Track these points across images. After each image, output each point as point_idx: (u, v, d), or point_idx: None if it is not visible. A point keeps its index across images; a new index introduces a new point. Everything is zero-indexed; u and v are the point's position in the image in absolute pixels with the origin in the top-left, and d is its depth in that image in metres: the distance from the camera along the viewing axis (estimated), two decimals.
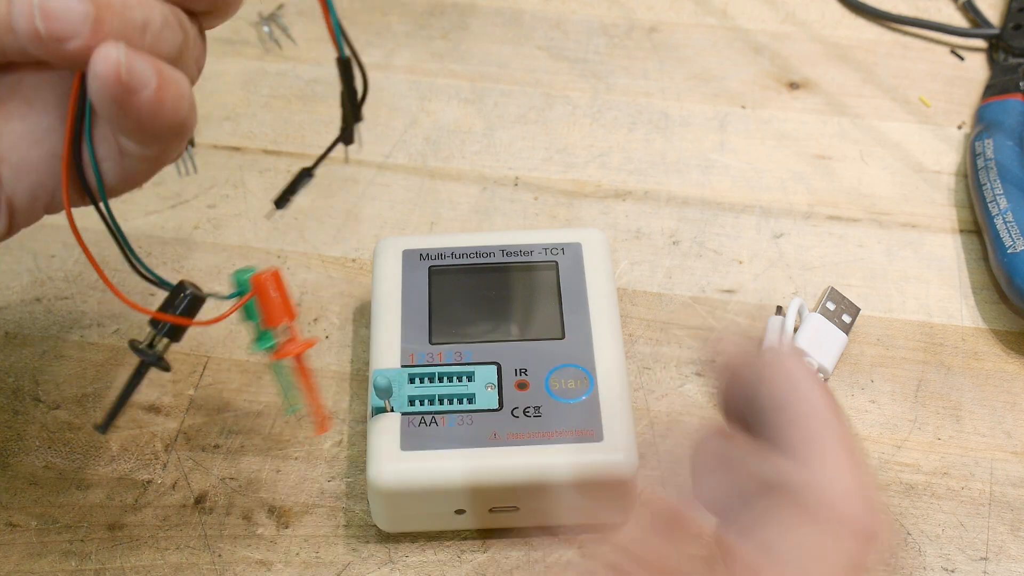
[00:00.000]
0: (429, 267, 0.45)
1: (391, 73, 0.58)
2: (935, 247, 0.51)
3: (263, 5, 0.61)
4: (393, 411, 0.41)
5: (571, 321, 0.43)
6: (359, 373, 0.46)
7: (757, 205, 0.53)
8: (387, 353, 0.42)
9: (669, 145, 0.55)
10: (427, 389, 0.41)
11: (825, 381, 0.46)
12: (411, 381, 0.41)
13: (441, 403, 0.41)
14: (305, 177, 0.40)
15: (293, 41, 0.60)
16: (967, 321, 0.48)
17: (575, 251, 0.45)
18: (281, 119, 0.56)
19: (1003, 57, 0.58)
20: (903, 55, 0.59)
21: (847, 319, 0.47)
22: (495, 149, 0.55)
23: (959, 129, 0.56)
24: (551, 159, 0.55)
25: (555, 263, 0.45)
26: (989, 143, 0.52)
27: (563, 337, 0.43)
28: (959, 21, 0.61)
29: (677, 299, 0.49)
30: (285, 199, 0.40)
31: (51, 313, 0.49)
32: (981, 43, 0.60)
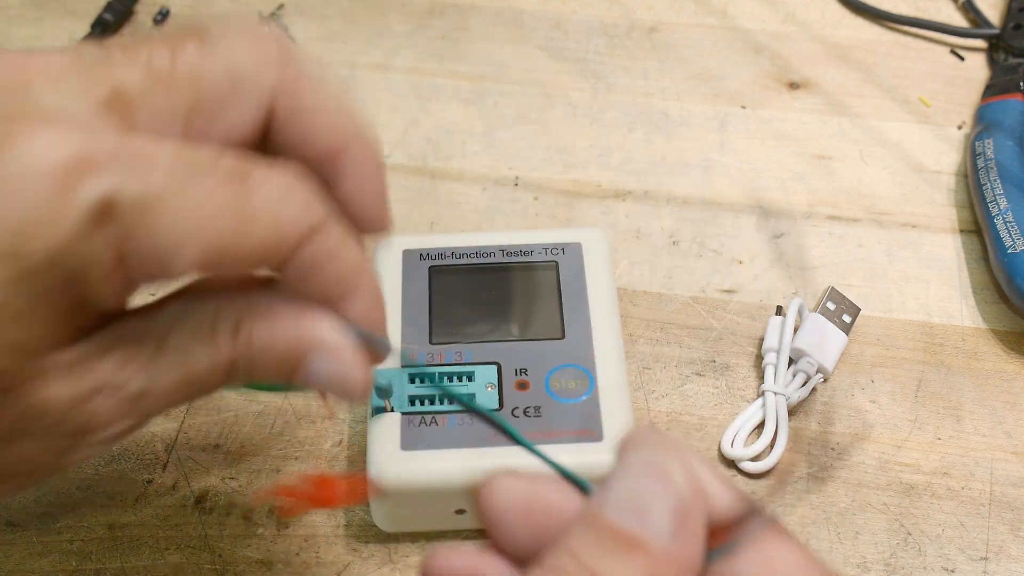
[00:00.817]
0: (429, 267, 0.45)
1: (391, 73, 0.58)
2: (935, 247, 0.51)
3: (263, 5, 0.61)
4: (393, 411, 0.41)
5: (571, 321, 0.43)
6: None
7: (757, 205, 0.53)
8: None
9: (669, 145, 0.55)
10: (427, 389, 0.41)
11: (824, 381, 0.46)
12: (411, 381, 0.41)
13: (441, 403, 0.41)
14: None
15: (293, 41, 0.60)
16: (967, 321, 0.48)
17: (575, 251, 0.45)
18: None
19: (1003, 57, 0.58)
20: (903, 55, 0.59)
21: (847, 319, 0.47)
22: (495, 149, 0.55)
23: (959, 129, 0.56)
24: (551, 159, 0.55)
25: (555, 263, 0.45)
26: (989, 143, 0.52)
27: (563, 337, 0.43)
28: (959, 21, 0.61)
29: (677, 299, 0.49)
30: None
31: None
32: (981, 43, 0.60)
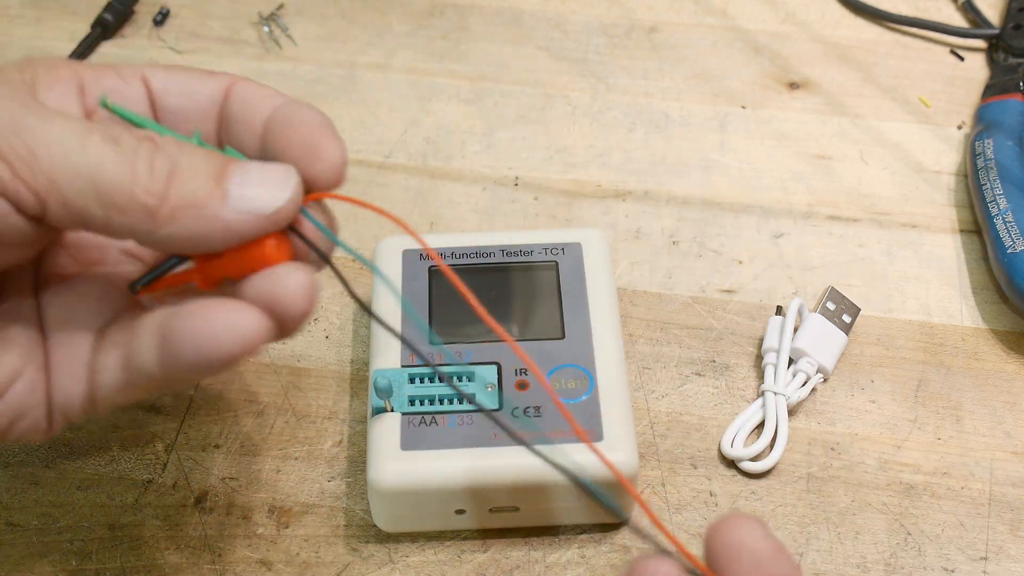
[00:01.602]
0: (429, 267, 0.45)
1: (391, 73, 0.58)
2: (935, 247, 0.51)
3: (263, 5, 0.61)
4: (393, 411, 0.41)
5: (571, 321, 0.43)
6: (359, 373, 0.46)
7: (757, 205, 0.53)
8: (387, 353, 0.42)
9: (669, 145, 0.55)
10: (427, 389, 0.41)
11: (824, 381, 0.46)
12: (411, 381, 0.41)
13: (441, 403, 0.41)
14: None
15: (293, 41, 0.60)
16: (967, 321, 0.48)
17: (575, 251, 0.45)
18: None
19: (1003, 57, 0.58)
20: (903, 55, 0.59)
21: (847, 319, 0.47)
22: (495, 149, 0.55)
23: (959, 129, 0.56)
24: (551, 159, 0.55)
25: (555, 263, 0.45)
26: (989, 143, 0.52)
27: (563, 337, 0.43)
28: (959, 21, 0.61)
29: (677, 299, 0.49)
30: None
31: None
32: (981, 43, 0.60)
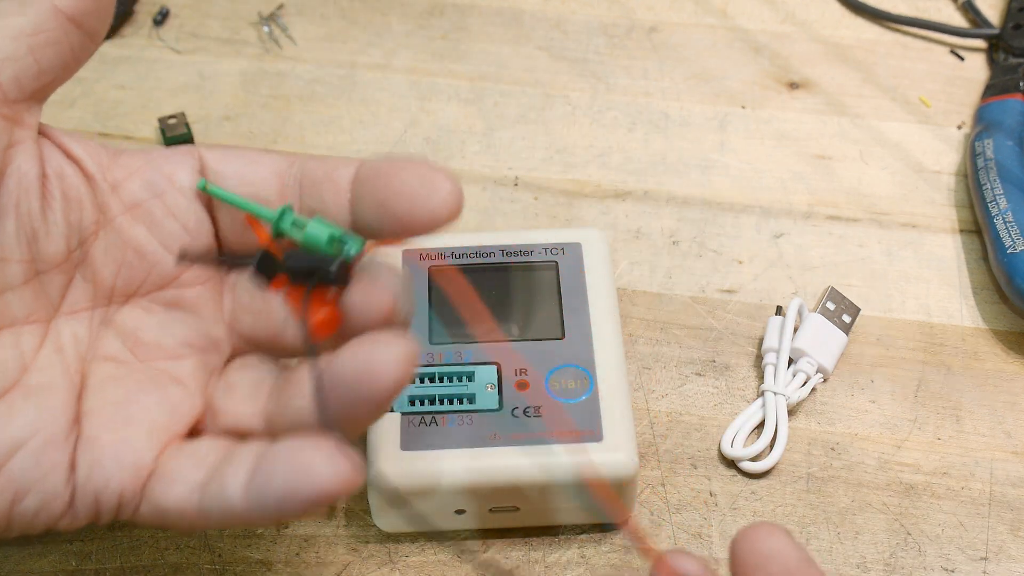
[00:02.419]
0: (429, 267, 0.45)
1: (391, 73, 0.58)
2: (935, 247, 0.51)
3: (263, 5, 0.61)
4: (393, 411, 0.41)
5: (571, 321, 0.43)
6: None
7: (757, 205, 0.53)
8: None
9: (669, 145, 0.55)
10: (427, 389, 0.41)
11: (824, 381, 0.46)
12: (411, 381, 0.41)
13: (441, 403, 0.41)
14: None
15: (293, 41, 0.60)
16: (967, 321, 0.48)
17: (575, 251, 0.45)
18: (281, 119, 0.56)
19: (1003, 57, 0.58)
20: (903, 55, 0.59)
21: (847, 319, 0.47)
22: (495, 149, 0.55)
23: (959, 129, 0.56)
24: (551, 159, 0.55)
25: (555, 263, 0.45)
26: (989, 143, 0.52)
27: (563, 337, 0.43)
28: (959, 21, 0.61)
29: (677, 299, 0.49)
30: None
31: None
32: (981, 43, 0.60)
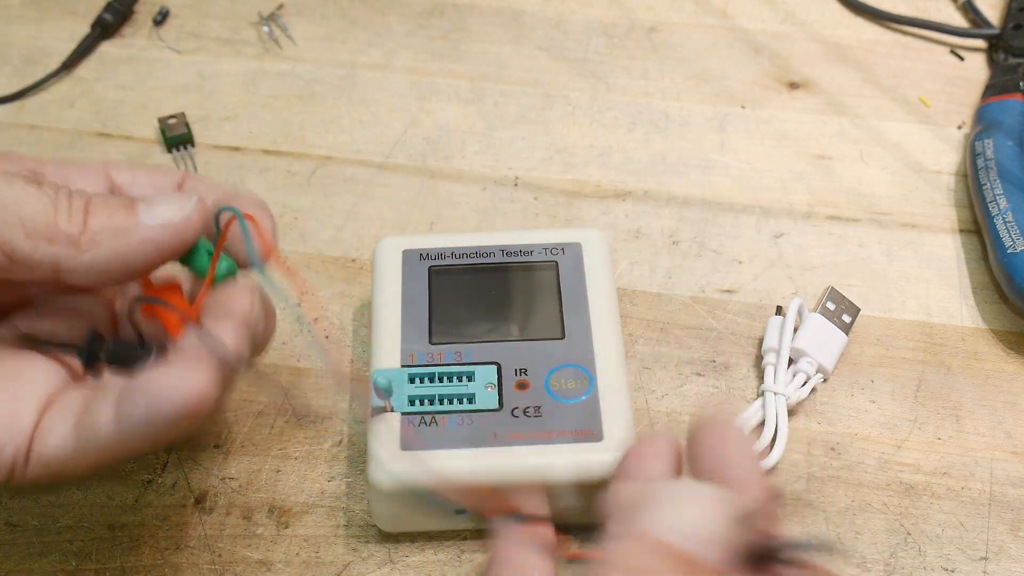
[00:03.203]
0: (429, 267, 0.45)
1: (391, 73, 0.58)
2: (935, 247, 0.51)
3: (263, 5, 0.61)
4: (393, 411, 0.41)
5: (571, 321, 0.43)
6: (359, 373, 0.46)
7: (757, 205, 0.53)
8: (387, 353, 0.42)
9: (669, 145, 0.55)
10: (427, 389, 0.41)
11: (824, 381, 0.46)
12: (411, 381, 0.41)
13: (441, 403, 0.41)
14: None
15: (293, 41, 0.60)
16: (967, 321, 0.48)
17: (575, 251, 0.45)
18: (281, 119, 0.56)
19: (1003, 57, 0.58)
20: (903, 55, 0.59)
21: (847, 319, 0.47)
22: (495, 149, 0.55)
23: (959, 129, 0.56)
24: (551, 159, 0.55)
25: (555, 263, 0.45)
26: (989, 143, 0.52)
27: (563, 337, 0.43)
28: (959, 21, 0.61)
29: (677, 299, 0.49)
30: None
31: None
32: (981, 43, 0.60)
